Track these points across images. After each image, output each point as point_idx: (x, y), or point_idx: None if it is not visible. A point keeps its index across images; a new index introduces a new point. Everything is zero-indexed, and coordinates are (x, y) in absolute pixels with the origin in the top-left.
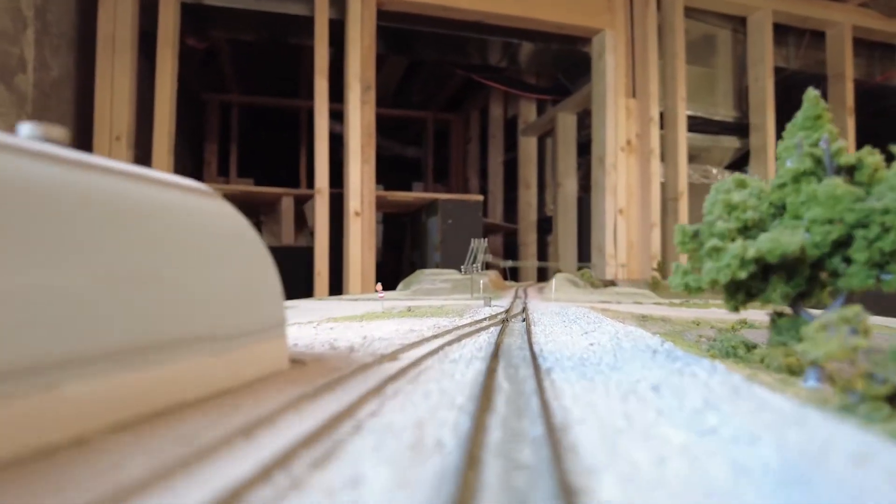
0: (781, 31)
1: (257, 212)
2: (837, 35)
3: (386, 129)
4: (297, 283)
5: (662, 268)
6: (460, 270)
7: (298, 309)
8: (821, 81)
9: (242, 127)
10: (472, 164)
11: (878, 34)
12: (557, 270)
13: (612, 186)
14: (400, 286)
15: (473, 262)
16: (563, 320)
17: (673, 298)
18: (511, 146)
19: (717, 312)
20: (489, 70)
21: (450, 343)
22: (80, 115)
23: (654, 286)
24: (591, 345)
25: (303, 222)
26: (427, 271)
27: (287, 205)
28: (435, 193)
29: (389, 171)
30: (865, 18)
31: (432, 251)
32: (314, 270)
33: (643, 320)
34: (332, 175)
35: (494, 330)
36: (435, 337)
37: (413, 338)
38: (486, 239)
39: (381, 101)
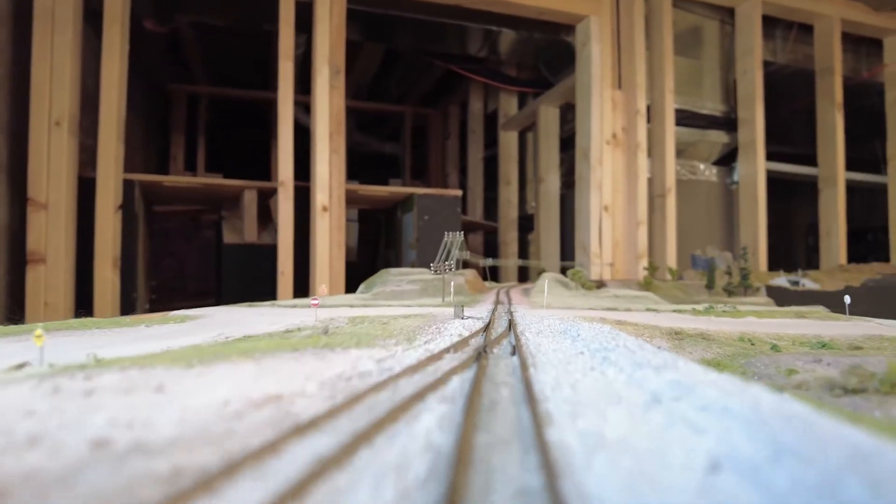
0: (769, 24)
1: (219, 207)
2: (826, 28)
3: (362, 123)
4: (262, 284)
5: (653, 267)
6: (431, 269)
7: (201, 322)
8: (809, 76)
9: (212, 120)
10: (451, 161)
11: (866, 28)
12: (542, 270)
13: (597, 182)
14: (361, 288)
15: (447, 259)
16: (578, 348)
17: (680, 303)
18: (491, 142)
19: (752, 322)
20: (469, 60)
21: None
22: (14, 96)
23: (646, 287)
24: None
25: (268, 218)
26: (394, 271)
27: (250, 199)
28: (411, 188)
29: (366, 168)
30: (853, 12)
31: (407, 249)
32: (277, 270)
33: (678, 339)
34: (302, 169)
35: (459, 387)
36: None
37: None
38: (463, 233)
39: (356, 94)
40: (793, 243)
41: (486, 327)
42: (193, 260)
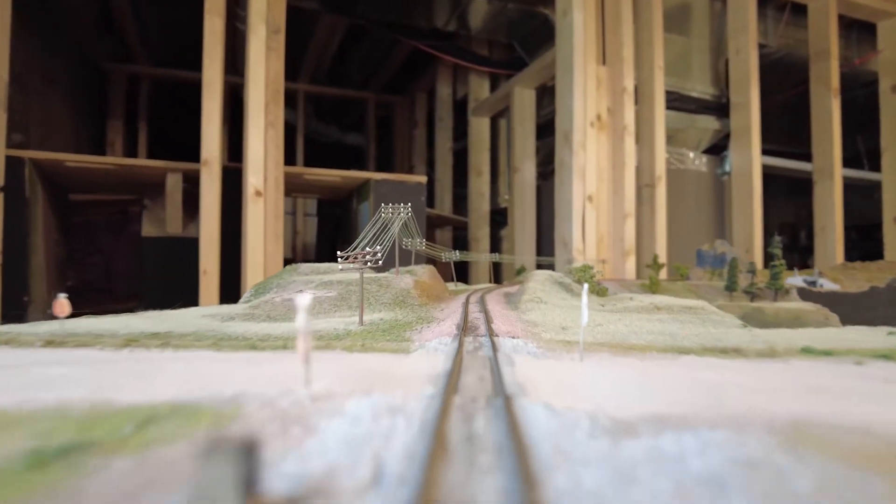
0: (760, 4)
1: (141, 194)
2: (821, 7)
3: (321, 111)
4: (188, 284)
5: (658, 265)
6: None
7: None
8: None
9: (154, 103)
10: (418, 152)
11: (862, 10)
12: (521, 268)
13: (579, 168)
14: (248, 294)
15: (377, 244)
16: None
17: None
18: (461, 134)
19: None
20: (437, 37)
21: None
22: None
23: (652, 288)
24: None
25: (197, 207)
26: (305, 267)
27: (174, 183)
28: (366, 173)
29: (326, 160)
30: None
31: (363, 245)
32: (200, 269)
33: None
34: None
35: None
36: None
37: None
38: (410, 208)
39: (314, 78)
40: (768, 242)
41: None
42: (123, 258)
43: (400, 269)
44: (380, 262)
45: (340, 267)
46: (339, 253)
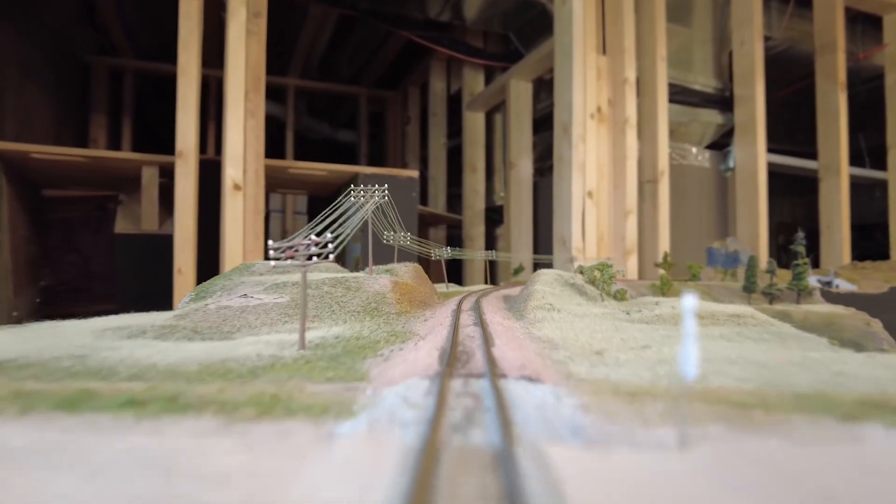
0: None
1: (116, 189)
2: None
3: (313, 107)
4: (164, 285)
5: (669, 264)
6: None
7: None
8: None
9: (139, 98)
10: (411, 149)
11: (869, 2)
12: (519, 268)
13: (579, 163)
14: (187, 297)
15: (328, 232)
16: None
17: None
18: (456, 132)
19: None
20: (430, 28)
21: None
22: None
23: (664, 289)
24: None
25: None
26: (261, 265)
27: (149, 177)
28: (355, 167)
29: (317, 157)
30: None
31: (351, 243)
32: (174, 267)
33: None
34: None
35: None
36: None
37: None
38: (386, 189)
39: (305, 73)
40: (772, 241)
41: None
42: (101, 257)
43: (378, 268)
44: (330, 256)
45: (273, 264)
46: (269, 244)
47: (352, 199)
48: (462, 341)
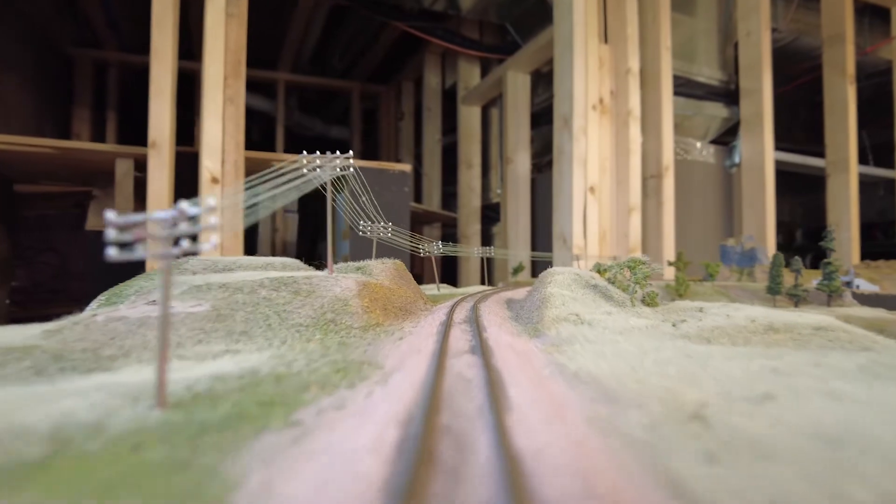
0: None
1: (91, 184)
2: None
3: (304, 102)
4: None
5: (684, 262)
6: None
7: None
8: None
9: (124, 91)
10: (405, 145)
11: None
12: (519, 267)
13: (580, 156)
14: (93, 303)
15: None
16: None
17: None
18: (451, 128)
19: None
20: (425, 18)
21: None
22: None
23: (681, 289)
24: None
25: None
26: (195, 262)
27: (124, 171)
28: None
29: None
30: None
31: (340, 240)
32: (146, 266)
33: None
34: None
35: None
36: None
37: None
38: (352, 159)
39: (296, 67)
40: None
41: None
42: (79, 255)
43: (347, 266)
44: (214, 246)
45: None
46: (107, 217)
47: (301, 167)
48: (450, 391)
